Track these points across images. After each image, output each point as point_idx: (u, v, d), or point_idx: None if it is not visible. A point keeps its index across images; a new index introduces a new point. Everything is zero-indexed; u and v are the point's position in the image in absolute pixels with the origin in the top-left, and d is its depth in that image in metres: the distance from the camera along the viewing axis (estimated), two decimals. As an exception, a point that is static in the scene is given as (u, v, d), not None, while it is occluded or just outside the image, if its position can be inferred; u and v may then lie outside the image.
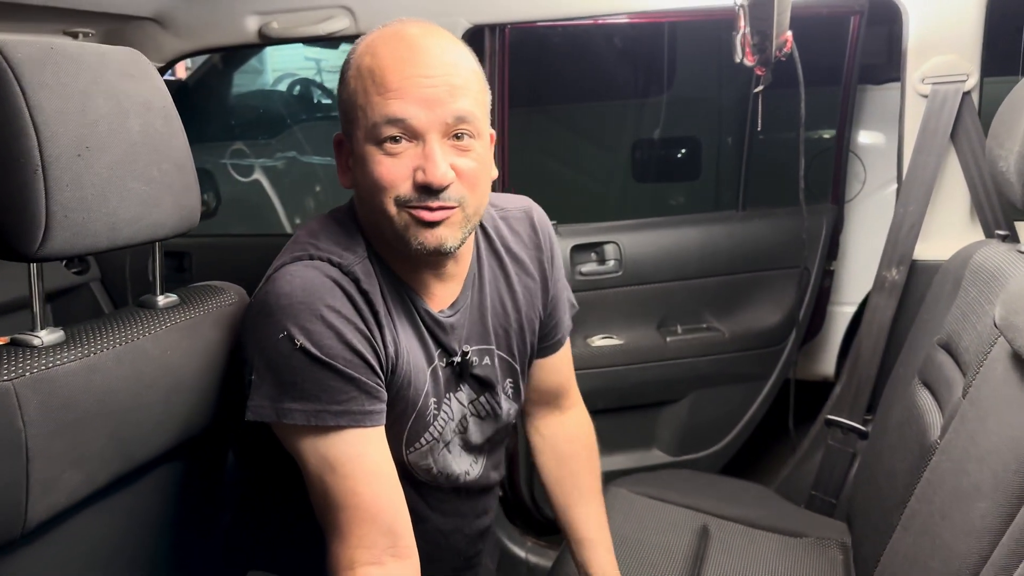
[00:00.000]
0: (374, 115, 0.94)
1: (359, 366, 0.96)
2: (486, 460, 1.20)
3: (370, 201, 0.98)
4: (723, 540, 1.63)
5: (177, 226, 0.97)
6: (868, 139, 2.40)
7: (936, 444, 1.28)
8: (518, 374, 1.20)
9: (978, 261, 1.45)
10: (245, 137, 2.89)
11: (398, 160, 0.95)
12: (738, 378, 2.16)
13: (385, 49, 0.96)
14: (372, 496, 0.96)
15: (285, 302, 0.94)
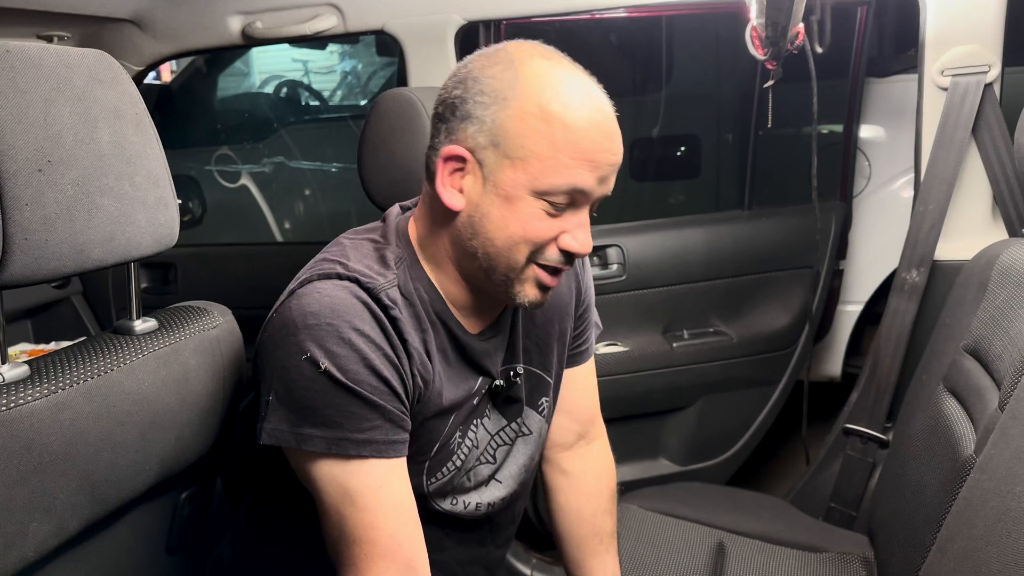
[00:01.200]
0: (558, 177, 0.88)
1: (385, 393, 0.90)
2: (515, 488, 1.12)
3: (498, 245, 0.91)
4: (740, 557, 1.57)
5: (153, 245, 0.88)
6: (872, 133, 2.37)
7: (972, 459, 1.21)
8: (550, 389, 1.13)
9: (1005, 262, 1.39)
10: (231, 142, 2.82)
11: (554, 221, 0.91)
12: (747, 383, 2.12)
13: (579, 105, 0.88)
14: (392, 531, 0.90)
15: (312, 321, 0.88)
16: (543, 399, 1.12)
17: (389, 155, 1.29)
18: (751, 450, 2.15)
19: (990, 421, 1.21)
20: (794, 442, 2.20)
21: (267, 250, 2.54)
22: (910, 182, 1.92)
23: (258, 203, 2.69)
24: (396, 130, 1.29)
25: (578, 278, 1.18)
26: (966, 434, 1.30)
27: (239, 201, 2.70)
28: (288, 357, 0.88)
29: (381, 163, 1.31)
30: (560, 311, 1.13)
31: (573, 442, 1.25)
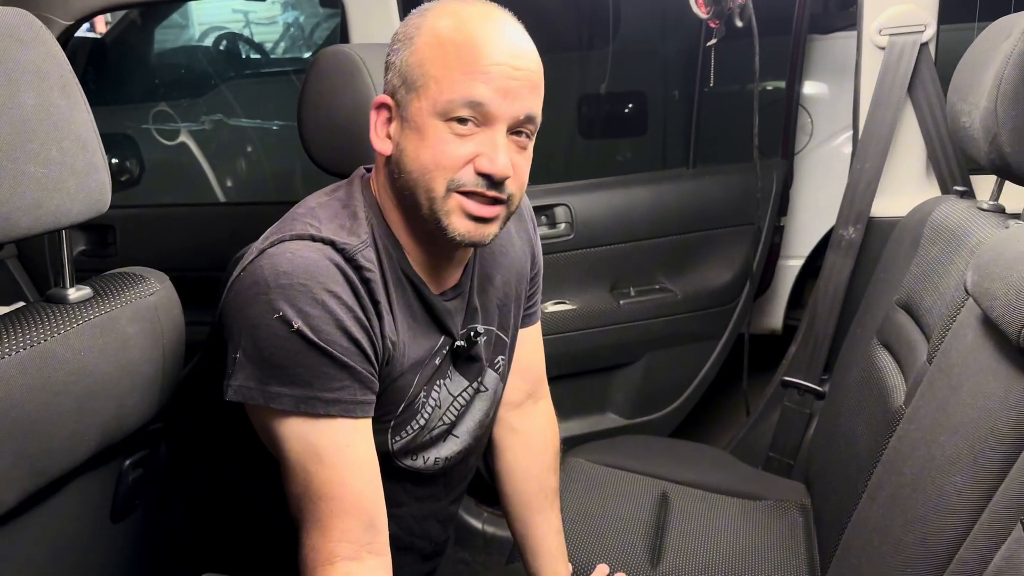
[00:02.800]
0: (452, 92, 0.89)
1: (355, 355, 0.90)
2: (469, 443, 1.13)
3: (416, 176, 0.92)
4: (683, 506, 1.61)
5: (85, 211, 0.86)
6: (814, 90, 2.38)
7: (902, 410, 1.26)
8: (507, 348, 1.15)
9: (937, 218, 1.43)
10: (169, 98, 2.72)
11: (463, 142, 0.90)
12: (691, 338, 2.15)
13: (473, 26, 0.90)
14: (356, 489, 0.92)
15: (284, 281, 0.87)
16: (500, 358, 1.14)
17: (330, 115, 1.27)
18: (694, 403, 2.19)
19: (919, 373, 1.25)
20: (735, 394, 2.25)
21: (209, 211, 2.48)
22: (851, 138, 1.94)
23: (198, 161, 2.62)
24: (337, 89, 1.26)
25: (532, 241, 1.19)
26: (897, 386, 1.35)
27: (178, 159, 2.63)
28: (259, 315, 0.87)
29: (322, 123, 1.29)
30: (517, 273, 1.15)
31: (522, 400, 1.27)
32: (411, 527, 1.13)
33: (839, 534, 1.33)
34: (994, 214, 1.34)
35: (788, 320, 2.48)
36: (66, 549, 0.96)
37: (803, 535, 1.55)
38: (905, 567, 1.03)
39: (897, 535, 1.10)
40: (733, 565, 1.44)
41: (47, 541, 0.92)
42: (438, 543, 1.23)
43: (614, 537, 1.50)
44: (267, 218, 1.30)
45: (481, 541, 2.03)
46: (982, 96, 1.21)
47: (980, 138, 1.22)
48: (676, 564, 1.45)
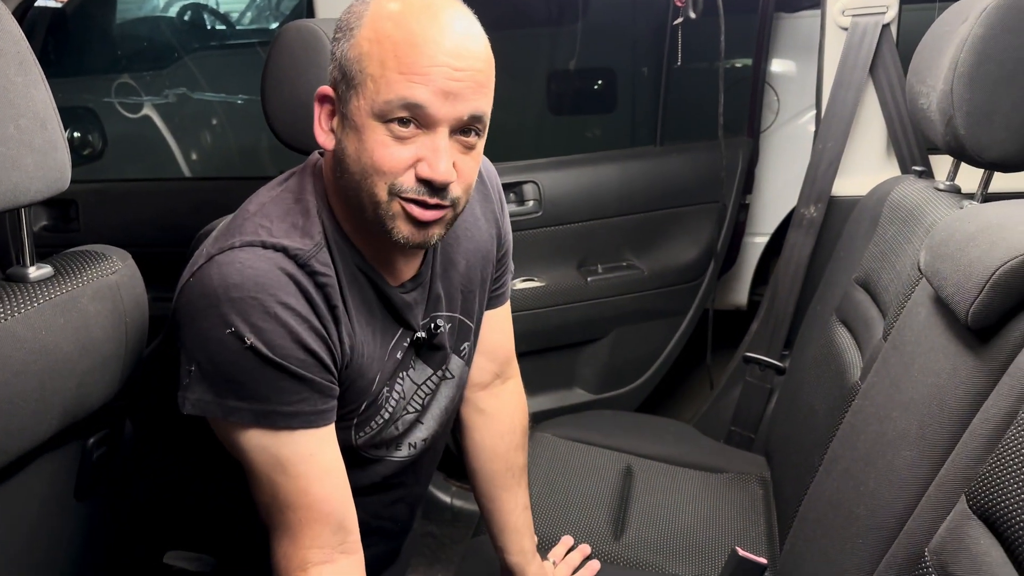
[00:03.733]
0: (389, 92, 0.83)
1: (312, 366, 0.88)
2: (436, 429, 1.13)
3: (358, 179, 0.88)
4: (646, 479, 1.64)
5: (44, 190, 0.85)
6: (781, 68, 2.38)
7: (857, 386, 1.28)
8: (472, 334, 1.14)
9: (896, 198, 1.45)
10: (132, 70, 2.66)
11: (403, 146, 0.85)
12: (657, 314, 2.16)
13: (413, 22, 0.84)
14: (324, 496, 0.92)
15: (235, 294, 0.84)
16: (465, 344, 1.13)
17: (294, 91, 1.25)
18: (660, 378, 2.21)
19: (875, 350, 1.28)
20: (700, 369, 2.28)
21: (174, 185, 2.45)
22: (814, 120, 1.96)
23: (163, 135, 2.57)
24: (300, 64, 1.25)
25: (498, 224, 1.16)
26: (854, 362, 1.38)
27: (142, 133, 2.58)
28: (211, 329, 0.85)
29: (286, 99, 1.28)
30: (482, 257, 1.12)
31: (490, 382, 1.27)
32: (379, 512, 1.14)
33: (796, 506, 1.36)
34: (950, 194, 1.37)
35: (753, 296, 2.50)
36: (30, 528, 0.96)
37: (762, 507, 1.58)
38: (856, 538, 1.06)
39: (849, 507, 1.13)
40: (694, 535, 1.48)
41: (11, 520, 0.92)
42: (405, 523, 1.24)
43: (579, 510, 1.52)
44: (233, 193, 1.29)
45: (449, 515, 2.06)
46: (939, 78, 1.23)
47: (937, 120, 1.24)
48: (639, 535, 1.47)
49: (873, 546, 0.99)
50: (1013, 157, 1.19)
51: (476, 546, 1.42)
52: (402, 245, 0.90)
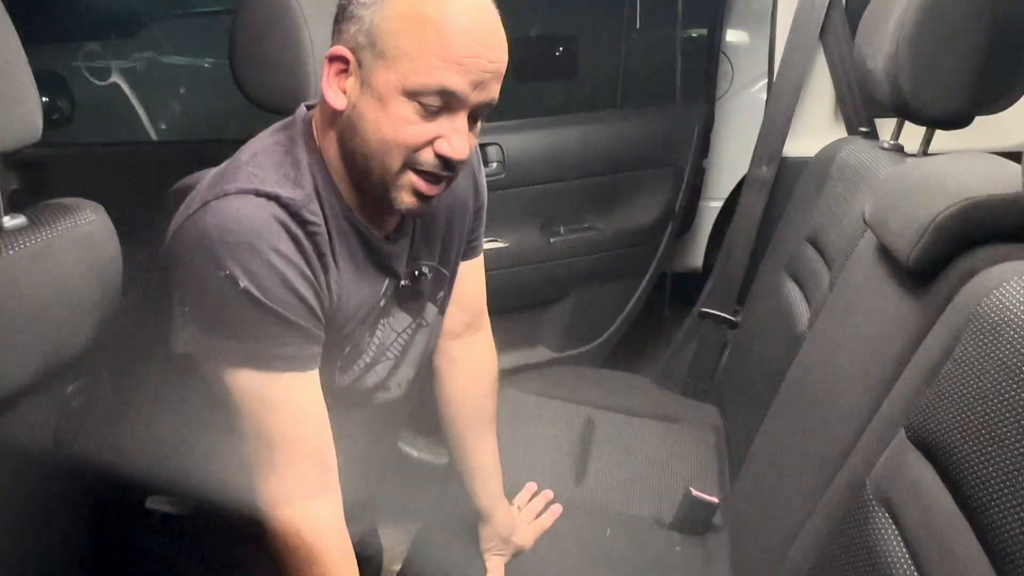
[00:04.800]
0: (428, 77, 0.84)
1: (301, 311, 0.89)
2: (411, 376, 1.14)
3: (374, 146, 0.88)
4: (606, 430, 1.67)
5: (15, 140, 0.83)
6: (735, 38, 2.37)
7: (805, 334, 1.32)
8: (447, 283, 1.15)
9: (843, 158, 1.48)
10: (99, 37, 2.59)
11: (426, 123, 0.87)
12: (618, 274, 2.17)
13: (455, 9, 0.84)
14: (307, 435, 0.94)
15: (230, 240, 0.84)
16: (440, 292, 1.14)
17: (261, 51, 1.24)
18: (621, 335, 2.22)
19: (821, 300, 1.31)
20: (658, 327, 2.31)
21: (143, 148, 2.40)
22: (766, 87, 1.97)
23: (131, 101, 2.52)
24: (267, 25, 1.24)
25: (475, 176, 1.17)
26: (802, 313, 1.41)
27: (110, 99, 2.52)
28: (205, 272, 0.85)
29: (253, 60, 1.26)
30: (461, 208, 1.13)
31: (462, 331, 1.27)
32: (357, 454, 1.14)
33: (746, 448, 1.40)
34: (894, 152, 1.40)
35: (708, 260, 2.50)
36: (15, 471, 0.95)
37: (715, 451, 1.62)
38: (802, 471, 1.09)
39: (797, 445, 1.16)
40: (651, 479, 1.51)
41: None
42: (379, 471, 1.26)
43: (543, 459, 1.55)
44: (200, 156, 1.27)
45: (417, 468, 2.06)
46: (885, 40, 1.25)
47: (883, 79, 1.26)
48: (598, 481, 1.50)
49: (818, 478, 1.02)
50: (953, 114, 1.22)
51: (446, 493, 1.43)
52: (401, 212, 0.93)
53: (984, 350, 0.77)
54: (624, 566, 1.27)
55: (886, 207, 1.06)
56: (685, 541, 1.35)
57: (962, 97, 1.21)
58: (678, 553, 1.32)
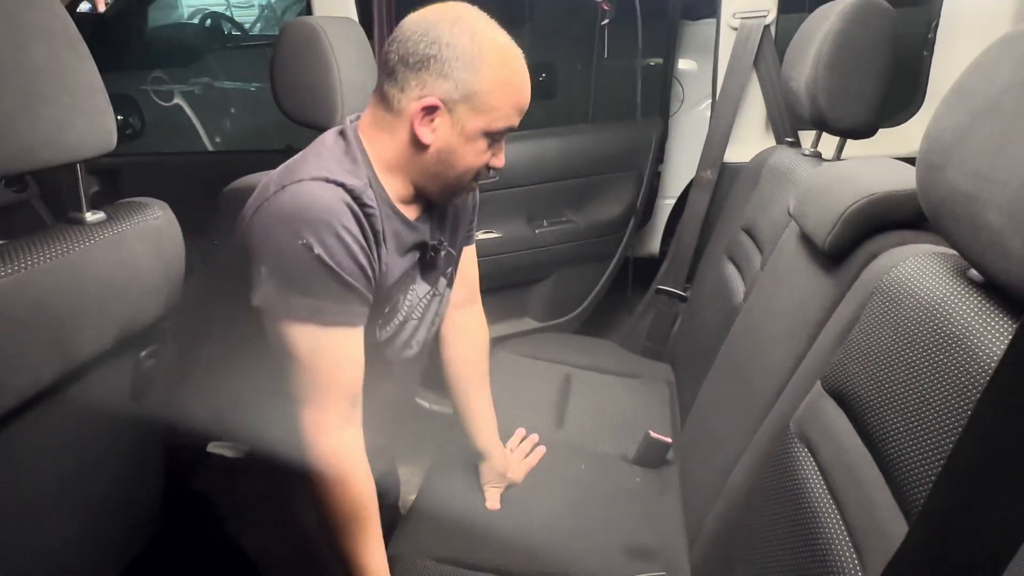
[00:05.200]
0: (506, 122, 0.93)
1: (360, 278, 0.91)
2: (427, 337, 1.16)
3: (457, 171, 0.95)
4: (581, 385, 1.67)
5: (95, 148, 0.82)
6: (685, 66, 2.37)
7: (740, 306, 1.32)
8: (455, 262, 1.17)
9: (772, 163, 1.47)
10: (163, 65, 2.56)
11: (492, 149, 0.96)
12: (590, 258, 2.17)
13: (517, 68, 0.93)
14: (347, 377, 0.94)
15: (308, 215, 0.86)
16: (450, 268, 1.15)
17: (297, 76, 1.23)
18: (592, 308, 2.22)
19: (754, 278, 1.32)
20: (623, 301, 2.30)
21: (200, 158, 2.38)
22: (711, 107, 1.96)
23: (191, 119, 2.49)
24: (301, 54, 1.22)
25: None
26: (739, 288, 1.41)
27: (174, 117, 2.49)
28: (286, 241, 0.86)
29: (290, 83, 1.25)
30: (467, 204, 1.17)
31: (463, 303, 1.28)
32: (384, 405, 1.14)
33: (693, 398, 1.40)
34: (813, 158, 1.39)
35: (663, 247, 2.51)
36: (96, 422, 0.95)
37: (668, 401, 1.62)
38: (737, 417, 1.10)
39: (732, 396, 1.17)
40: (616, 424, 1.51)
41: (80, 415, 0.91)
42: (402, 414, 1.25)
43: (529, 409, 1.54)
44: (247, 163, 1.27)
45: (428, 417, 2.07)
46: (807, 65, 1.25)
47: (805, 98, 1.26)
48: (575, 425, 1.51)
49: (750, 422, 1.03)
50: (862, 126, 1.22)
51: (451, 438, 1.44)
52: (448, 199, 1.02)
53: (884, 316, 0.78)
54: (596, 494, 1.28)
55: (807, 202, 1.06)
56: (645, 473, 1.36)
57: (869, 112, 1.21)
58: (639, 483, 1.33)
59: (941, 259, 0.77)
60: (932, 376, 0.66)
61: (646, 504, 1.26)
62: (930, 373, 0.67)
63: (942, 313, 0.69)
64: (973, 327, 0.65)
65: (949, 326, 0.67)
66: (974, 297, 0.68)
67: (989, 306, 0.65)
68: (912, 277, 0.77)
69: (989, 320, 0.64)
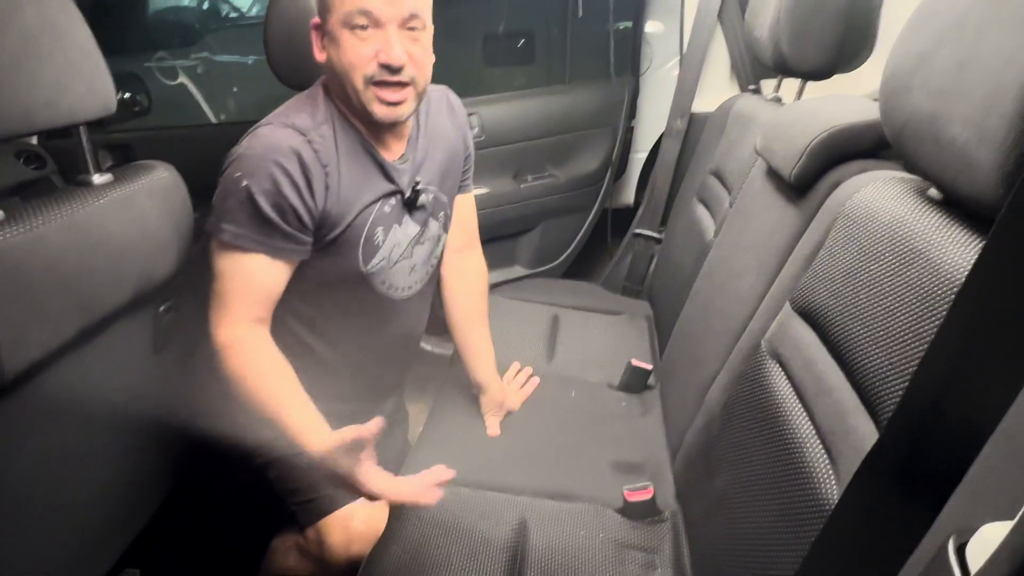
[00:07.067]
0: (347, 5, 0.85)
1: (289, 216, 0.90)
2: (427, 277, 1.13)
3: (342, 76, 0.89)
4: (568, 322, 1.65)
5: (95, 109, 0.77)
6: (652, 28, 2.29)
7: (712, 243, 1.29)
8: (447, 207, 1.12)
9: (737, 109, 1.43)
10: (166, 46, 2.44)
11: (364, 44, 0.87)
12: (572, 210, 2.13)
13: None
14: (257, 296, 0.93)
15: (248, 154, 0.87)
16: (442, 212, 1.11)
17: (289, 40, 1.16)
18: (576, 255, 2.19)
19: (723, 217, 1.28)
20: (603, 246, 2.28)
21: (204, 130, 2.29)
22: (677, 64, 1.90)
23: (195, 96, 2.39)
24: (291, 17, 1.15)
25: (464, 134, 1.15)
26: (709, 227, 1.38)
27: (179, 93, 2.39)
28: (228, 177, 0.88)
29: (283, 47, 1.18)
30: (454, 155, 1.11)
31: (462, 247, 1.24)
32: (389, 343, 1.12)
33: (671, 328, 1.39)
34: (775, 103, 1.35)
35: (638, 197, 2.47)
36: (121, 372, 0.92)
37: (647, 333, 1.61)
38: (712, 340, 1.08)
39: (707, 322, 1.15)
40: (602, 354, 1.50)
41: (105, 366, 0.88)
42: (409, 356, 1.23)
43: (522, 345, 1.53)
44: (247, 132, 1.20)
45: (430, 357, 2.06)
46: (769, 13, 1.19)
47: (767, 43, 1.20)
48: (564, 358, 1.49)
49: (725, 343, 1.01)
50: (822, 68, 1.17)
51: (453, 374, 1.42)
52: (380, 121, 0.91)
53: (847, 239, 0.75)
54: (585, 418, 1.27)
55: (772, 138, 1.02)
56: (629, 398, 1.35)
57: (827, 54, 1.16)
58: (624, 407, 1.32)
59: (901, 182, 0.74)
60: (896, 288, 0.64)
61: (631, 425, 1.26)
62: (894, 286, 0.64)
63: (904, 230, 0.66)
64: (934, 241, 0.62)
65: (911, 242, 0.64)
66: (934, 214, 0.65)
67: (949, 221, 0.62)
68: (874, 200, 0.73)
69: (949, 234, 0.61)
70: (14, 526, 0.76)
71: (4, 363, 0.67)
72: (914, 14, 0.65)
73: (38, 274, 0.70)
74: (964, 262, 0.57)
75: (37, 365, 0.73)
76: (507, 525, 0.99)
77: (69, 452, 0.84)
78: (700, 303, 1.25)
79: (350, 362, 1.09)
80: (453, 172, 1.11)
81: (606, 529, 0.99)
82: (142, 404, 0.99)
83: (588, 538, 0.97)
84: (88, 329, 0.79)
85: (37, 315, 0.70)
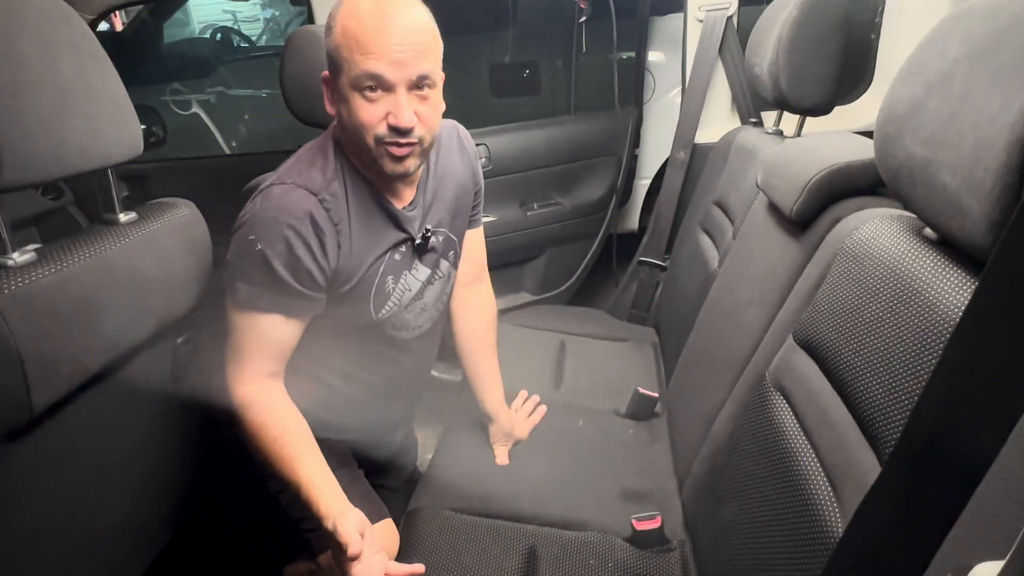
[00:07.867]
0: (356, 69, 0.85)
1: (300, 275, 0.90)
2: (435, 316, 1.14)
3: (352, 133, 0.89)
4: (575, 350, 1.66)
5: (123, 153, 0.80)
6: (656, 58, 2.34)
7: (716, 272, 1.31)
8: (457, 245, 1.14)
9: (739, 142, 1.46)
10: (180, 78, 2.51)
11: (374, 106, 0.86)
12: (578, 237, 2.15)
13: (367, 17, 0.84)
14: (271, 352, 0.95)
15: (261, 215, 0.88)
16: (451, 251, 1.12)
17: (305, 80, 1.20)
18: (581, 282, 2.21)
19: (727, 247, 1.31)
20: (609, 273, 2.30)
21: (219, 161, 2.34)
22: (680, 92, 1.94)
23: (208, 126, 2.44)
24: (308, 60, 1.19)
25: (473, 170, 1.16)
26: (713, 257, 1.40)
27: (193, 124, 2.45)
28: (242, 236, 0.88)
29: (298, 87, 1.22)
30: (464, 192, 1.12)
31: (470, 282, 1.26)
32: (408, 373, 1.14)
33: (676, 357, 1.40)
34: (775, 136, 1.38)
35: (642, 223, 2.50)
36: (140, 404, 0.94)
37: (654, 361, 1.63)
38: (717, 371, 1.09)
39: (712, 352, 1.16)
40: (608, 383, 1.51)
41: (127, 399, 0.90)
42: (418, 387, 1.24)
43: (529, 372, 1.54)
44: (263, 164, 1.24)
45: (439, 384, 2.07)
46: (768, 51, 1.23)
47: (767, 81, 1.24)
48: (571, 385, 1.51)
49: (729, 375, 1.03)
50: (820, 104, 1.21)
51: (462, 402, 1.44)
52: (389, 176, 0.92)
53: (849, 274, 0.77)
54: (593, 446, 1.28)
55: (773, 174, 1.05)
56: (636, 426, 1.36)
57: (826, 91, 1.19)
58: (631, 434, 1.33)
59: (898, 221, 0.76)
60: (894, 325, 0.66)
61: (639, 453, 1.27)
62: (892, 323, 0.66)
63: (901, 269, 0.68)
64: (930, 281, 0.64)
65: (908, 280, 0.67)
66: (930, 254, 0.67)
67: (944, 261, 0.65)
68: (872, 238, 0.76)
69: (944, 273, 0.63)
70: (34, 557, 0.78)
71: (33, 400, 0.70)
72: (906, 63, 0.68)
73: (68, 312, 0.73)
74: (958, 303, 0.59)
75: (62, 400, 0.76)
76: (517, 554, 1.00)
77: (89, 483, 0.86)
78: (705, 333, 1.26)
79: (360, 397, 1.10)
80: (463, 209, 1.12)
81: (615, 558, 1.00)
82: (159, 435, 1.02)
83: (597, 567, 0.98)
84: (112, 364, 0.82)
85: (65, 352, 0.73)
